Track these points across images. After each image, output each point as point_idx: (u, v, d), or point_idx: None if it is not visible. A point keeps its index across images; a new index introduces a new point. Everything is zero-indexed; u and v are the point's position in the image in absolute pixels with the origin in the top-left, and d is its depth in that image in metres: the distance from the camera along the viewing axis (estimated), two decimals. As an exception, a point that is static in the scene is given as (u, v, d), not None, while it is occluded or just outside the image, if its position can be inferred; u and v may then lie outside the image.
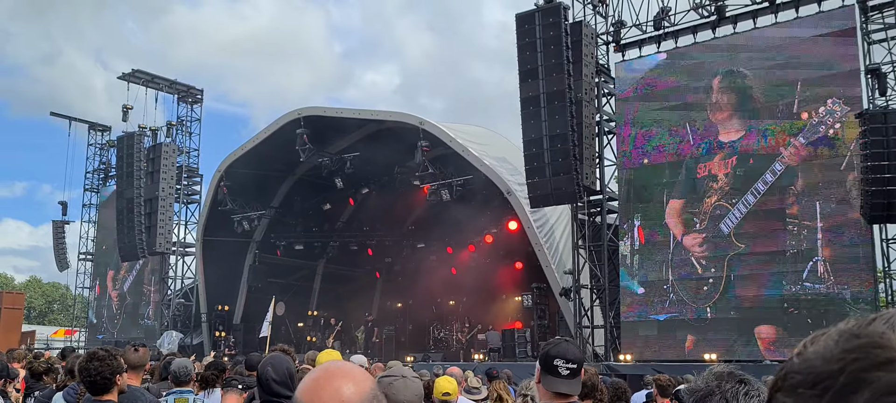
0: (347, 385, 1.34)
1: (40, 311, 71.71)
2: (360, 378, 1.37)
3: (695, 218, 18.08)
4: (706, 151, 18.12)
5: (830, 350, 0.62)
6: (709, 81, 18.30)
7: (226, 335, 28.52)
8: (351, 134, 26.88)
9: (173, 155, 29.36)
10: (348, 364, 1.45)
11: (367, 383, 1.38)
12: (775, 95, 17.35)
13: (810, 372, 0.62)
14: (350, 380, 1.35)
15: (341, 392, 1.32)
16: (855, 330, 0.62)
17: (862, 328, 0.62)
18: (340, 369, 1.40)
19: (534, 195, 19.00)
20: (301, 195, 29.87)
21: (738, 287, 17.24)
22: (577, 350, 2.92)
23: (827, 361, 0.61)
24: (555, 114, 18.25)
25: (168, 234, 28.85)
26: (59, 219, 36.50)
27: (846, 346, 0.60)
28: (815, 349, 0.64)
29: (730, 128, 17.88)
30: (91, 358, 4.42)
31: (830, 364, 0.60)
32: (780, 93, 17.28)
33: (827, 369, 0.60)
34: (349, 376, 1.37)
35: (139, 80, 31.14)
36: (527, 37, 18.68)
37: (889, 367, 0.57)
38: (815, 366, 0.62)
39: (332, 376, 1.36)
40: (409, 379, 2.70)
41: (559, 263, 21.60)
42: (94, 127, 36.50)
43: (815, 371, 0.61)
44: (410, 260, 30.68)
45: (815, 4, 17.25)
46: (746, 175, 17.43)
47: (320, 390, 1.33)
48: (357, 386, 1.34)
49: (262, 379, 3.85)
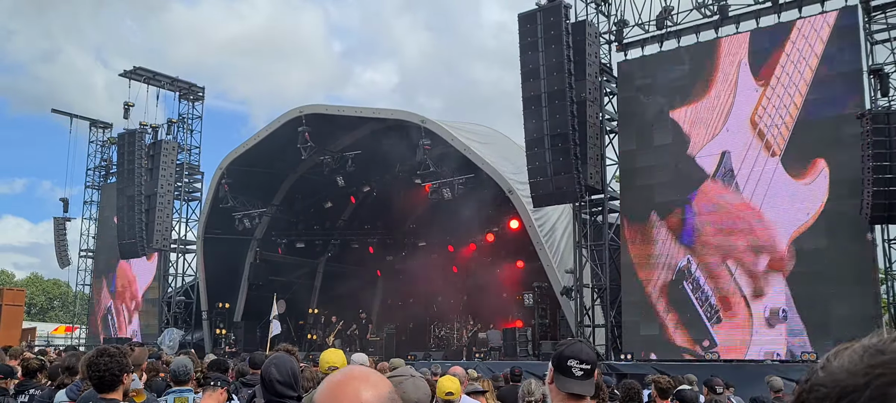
0: (366, 388, 1.38)
1: (41, 308, 71.78)
2: (377, 382, 1.41)
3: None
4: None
5: (856, 365, 0.63)
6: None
7: (226, 332, 28.54)
8: (352, 132, 26.87)
9: (173, 152, 29.35)
10: (366, 368, 1.49)
11: (385, 386, 1.42)
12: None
13: (836, 386, 0.63)
14: (369, 384, 1.39)
15: (360, 395, 1.36)
16: (880, 345, 0.63)
17: (887, 344, 0.63)
18: (359, 372, 1.44)
19: (536, 194, 18.99)
20: (302, 193, 29.87)
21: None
22: (591, 351, 2.91)
23: (852, 375, 0.62)
24: (556, 113, 18.24)
25: (166, 231, 28.84)
26: (60, 216, 36.53)
27: (871, 361, 0.61)
28: (840, 363, 0.64)
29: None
30: (101, 354, 4.39)
31: (856, 378, 0.61)
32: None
33: (852, 383, 0.61)
34: (368, 379, 1.41)
35: (140, 78, 31.13)
36: (528, 36, 18.66)
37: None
38: (840, 380, 0.63)
39: (351, 379, 1.40)
40: (417, 379, 2.70)
41: (560, 262, 21.59)
42: (95, 124, 36.51)
43: (841, 385, 0.62)
44: (411, 259, 30.66)
45: (818, 4, 17.24)
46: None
47: (340, 393, 1.37)
48: (376, 389, 1.38)
49: (265, 379, 3.84)
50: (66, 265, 36.69)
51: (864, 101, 16.22)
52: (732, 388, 11.28)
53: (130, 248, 28.87)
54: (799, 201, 16.80)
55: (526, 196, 20.04)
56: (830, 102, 16.68)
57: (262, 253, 29.84)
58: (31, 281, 73.62)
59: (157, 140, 29.82)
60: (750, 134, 17.60)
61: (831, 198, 16.38)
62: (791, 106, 17.10)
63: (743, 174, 17.59)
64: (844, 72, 16.63)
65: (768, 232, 17.14)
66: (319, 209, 29.86)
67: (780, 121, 17.23)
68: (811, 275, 16.39)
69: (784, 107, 17.20)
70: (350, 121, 26.04)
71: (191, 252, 31.78)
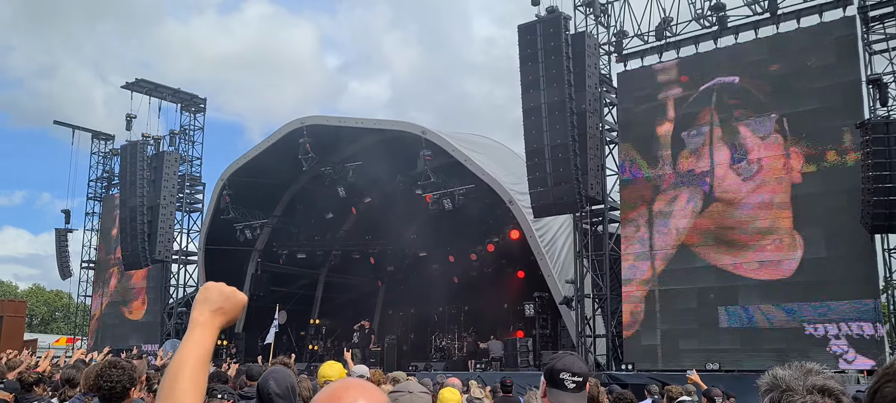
0: (363, 398, 1.41)
1: (43, 319, 71.70)
2: (374, 393, 1.45)
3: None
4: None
5: None
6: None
7: (227, 343, 28.50)
8: (353, 143, 26.93)
9: (175, 163, 29.43)
10: (364, 381, 1.53)
11: (381, 398, 1.46)
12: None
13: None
14: (366, 394, 1.43)
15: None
16: None
17: None
18: (356, 383, 1.48)
19: (536, 205, 19.02)
20: (303, 204, 29.89)
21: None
22: (582, 363, 2.93)
23: None
24: (556, 124, 18.28)
25: (169, 242, 28.87)
26: (61, 228, 36.54)
27: None
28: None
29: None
30: (112, 366, 4.35)
31: None
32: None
33: None
34: (365, 390, 1.44)
35: (143, 89, 31.25)
36: (528, 47, 18.73)
37: None
38: None
39: (348, 388, 1.44)
40: (416, 395, 2.68)
41: (561, 272, 21.59)
42: (97, 135, 36.59)
43: None
44: (412, 269, 30.65)
45: (817, 15, 17.30)
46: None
47: (336, 401, 1.41)
48: (372, 399, 1.42)
49: (262, 392, 3.86)
50: (67, 276, 36.68)
51: (864, 111, 16.26)
52: (733, 398, 11.27)
53: (133, 259, 28.89)
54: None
55: (526, 206, 20.06)
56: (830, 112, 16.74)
57: (263, 264, 29.84)
58: (33, 292, 73.56)
59: (159, 151, 29.90)
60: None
61: (831, 209, 16.42)
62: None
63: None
64: (843, 82, 16.69)
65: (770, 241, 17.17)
66: (321, 220, 29.88)
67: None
68: (812, 286, 16.38)
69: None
70: (351, 132, 26.10)
71: (192, 263, 31.80)
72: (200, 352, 1.66)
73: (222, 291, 1.76)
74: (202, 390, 1.63)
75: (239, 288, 1.80)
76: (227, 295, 1.75)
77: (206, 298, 1.74)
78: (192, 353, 1.65)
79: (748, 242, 17.38)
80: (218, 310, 1.73)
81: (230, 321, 1.76)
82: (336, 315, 30.72)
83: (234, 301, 1.76)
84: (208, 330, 1.70)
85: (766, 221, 17.20)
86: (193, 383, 1.60)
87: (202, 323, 1.70)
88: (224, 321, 1.75)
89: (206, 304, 1.73)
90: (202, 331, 1.69)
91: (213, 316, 1.72)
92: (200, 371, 1.64)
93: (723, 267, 17.62)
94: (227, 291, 1.76)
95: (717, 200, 17.92)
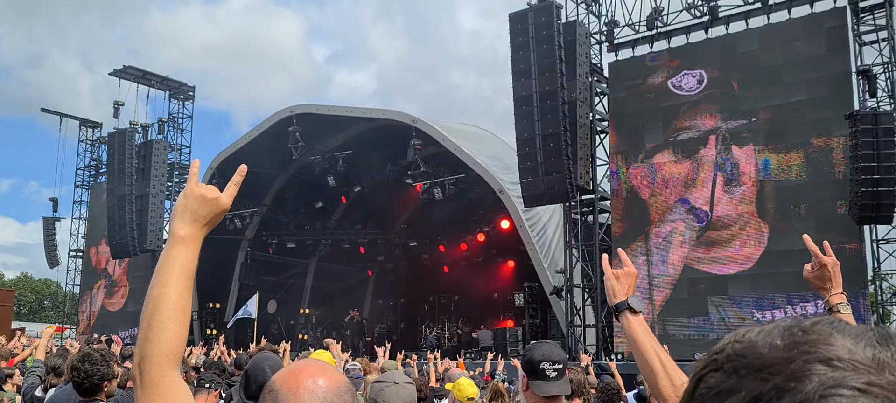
0: (323, 376, 1.38)
1: (31, 308, 71.28)
2: (332, 372, 1.42)
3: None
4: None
5: (779, 339, 0.65)
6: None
7: (217, 332, 28.39)
8: (343, 132, 26.81)
9: (164, 152, 29.21)
10: (324, 363, 1.51)
11: (340, 377, 1.43)
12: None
13: (757, 358, 0.64)
14: (326, 372, 1.40)
15: (317, 380, 1.36)
16: (804, 325, 0.66)
17: (809, 326, 0.65)
18: (317, 364, 1.46)
19: (527, 194, 18.99)
20: (293, 193, 29.78)
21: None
22: (560, 350, 2.91)
23: (774, 349, 0.64)
24: (547, 113, 18.23)
25: (159, 231, 28.70)
26: (49, 216, 36.27)
27: (796, 339, 0.64)
28: (761, 338, 0.66)
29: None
30: (84, 359, 4.29)
31: (778, 352, 0.64)
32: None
33: (774, 356, 0.64)
34: (325, 369, 1.42)
35: (130, 77, 30.98)
36: (520, 36, 18.65)
37: (832, 364, 0.61)
38: (762, 353, 0.65)
39: (309, 365, 1.43)
40: (401, 385, 2.66)
41: (551, 262, 21.60)
42: (84, 123, 36.25)
43: (762, 357, 0.64)
44: (403, 259, 30.63)
45: (808, 6, 17.33)
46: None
47: (299, 372, 1.38)
48: (331, 378, 1.39)
49: (256, 379, 3.79)
50: (55, 265, 36.46)
51: (853, 102, 16.32)
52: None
53: (122, 248, 28.70)
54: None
55: (517, 196, 20.05)
56: (819, 103, 16.79)
57: (252, 253, 29.74)
58: (22, 281, 73.08)
59: (147, 140, 29.67)
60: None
61: (820, 199, 16.50)
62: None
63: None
64: (833, 73, 16.73)
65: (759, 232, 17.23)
66: (310, 209, 29.77)
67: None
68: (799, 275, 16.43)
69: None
70: (341, 121, 25.99)
71: (181, 252, 31.58)
72: (183, 274, 1.52)
73: (205, 197, 1.62)
74: (187, 315, 1.50)
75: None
76: (209, 202, 1.61)
77: (186, 207, 1.60)
78: (173, 275, 1.51)
79: (735, 236, 17.47)
80: (201, 220, 1.60)
81: (212, 228, 1.64)
82: (326, 304, 30.66)
83: (217, 207, 1.63)
84: (191, 246, 1.56)
85: (746, 213, 17.31)
86: (178, 309, 1.48)
87: (183, 237, 1.56)
88: (207, 231, 1.62)
89: (187, 214, 1.59)
90: (185, 249, 1.55)
91: (198, 229, 1.59)
92: (185, 295, 1.51)
93: (708, 259, 17.70)
94: (209, 196, 1.62)
95: (707, 212, 18.00)
